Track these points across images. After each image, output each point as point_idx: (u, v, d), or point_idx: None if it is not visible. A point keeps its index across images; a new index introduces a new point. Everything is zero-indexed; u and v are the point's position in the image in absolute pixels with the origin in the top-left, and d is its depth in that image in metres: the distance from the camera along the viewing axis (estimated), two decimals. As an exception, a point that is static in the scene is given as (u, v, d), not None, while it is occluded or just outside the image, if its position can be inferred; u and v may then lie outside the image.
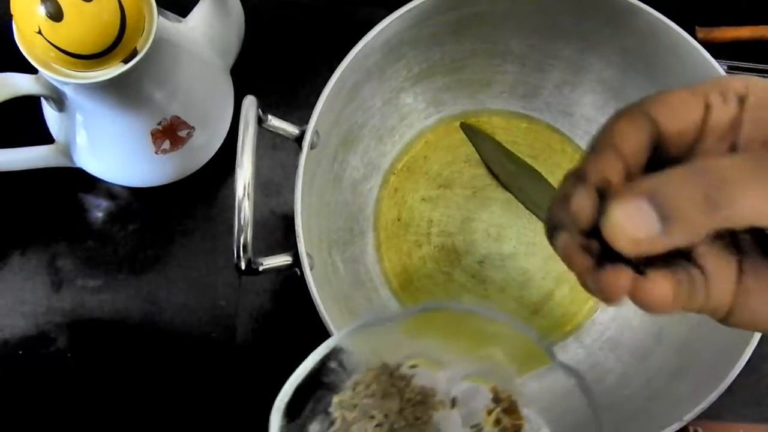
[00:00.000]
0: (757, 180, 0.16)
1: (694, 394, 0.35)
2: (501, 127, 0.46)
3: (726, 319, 0.20)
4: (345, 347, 0.27)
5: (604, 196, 0.19)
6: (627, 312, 0.43)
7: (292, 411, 0.27)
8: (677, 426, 0.34)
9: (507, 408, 0.28)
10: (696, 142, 0.20)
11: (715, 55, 0.37)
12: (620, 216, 0.17)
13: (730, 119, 0.19)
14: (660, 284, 0.19)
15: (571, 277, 0.47)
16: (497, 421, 0.28)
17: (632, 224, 0.17)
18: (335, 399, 0.28)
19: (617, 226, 0.17)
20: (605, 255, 0.19)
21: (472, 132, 0.46)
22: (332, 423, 0.27)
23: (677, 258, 0.20)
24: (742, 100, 0.19)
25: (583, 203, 0.18)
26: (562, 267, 0.43)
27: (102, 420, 0.42)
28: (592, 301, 0.44)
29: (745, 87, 0.19)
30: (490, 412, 0.28)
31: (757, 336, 0.34)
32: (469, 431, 0.28)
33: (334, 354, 0.27)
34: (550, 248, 0.46)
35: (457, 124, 0.46)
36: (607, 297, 0.19)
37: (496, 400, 0.28)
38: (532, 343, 0.27)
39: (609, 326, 0.43)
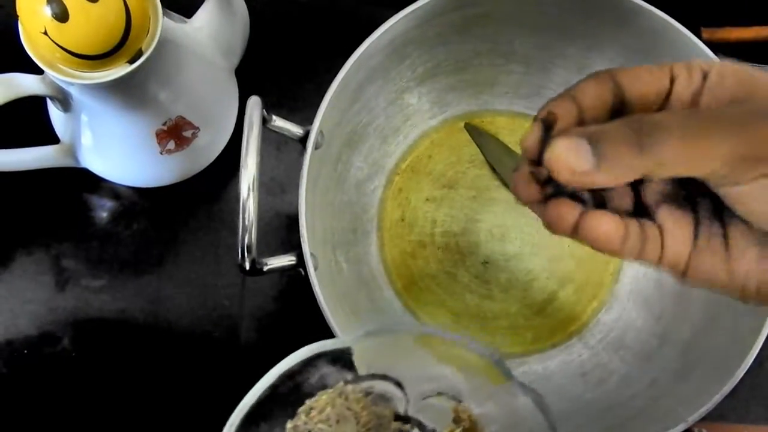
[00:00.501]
0: (686, 129, 0.19)
1: (698, 394, 0.35)
2: (505, 127, 0.46)
3: (683, 276, 0.22)
4: (297, 370, 0.27)
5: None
6: (631, 313, 0.43)
7: None
8: (682, 427, 0.34)
9: (468, 428, 0.28)
10: (660, 109, 0.21)
11: (720, 56, 0.37)
12: (561, 147, 0.19)
13: (693, 92, 0.21)
14: (605, 221, 0.21)
15: (576, 277, 0.46)
16: None
17: (570, 155, 0.19)
18: (288, 425, 0.27)
19: (556, 155, 0.19)
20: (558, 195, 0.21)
21: (476, 132, 0.46)
22: None
23: (641, 216, 0.22)
24: (705, 76, 0.21)
25: (529, 134, 0.21)
26: (566, 267, 0.44)
27: (106, 419, 0.42)
28: (597, 301, 0.44)
29: (709, 65, 0.21)
30: None
31: (763, 337, 0.34)
32: None
33: (287, 378, 0.26)
34: (554, 249, 0.46)
35: (462, 124, 0.46)
36: (555, 226, 0.21)
37: (457, 420, 0.28)
38: (490, 363, 0.27)
39: (613, 327, 0.43)
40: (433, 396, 0.29)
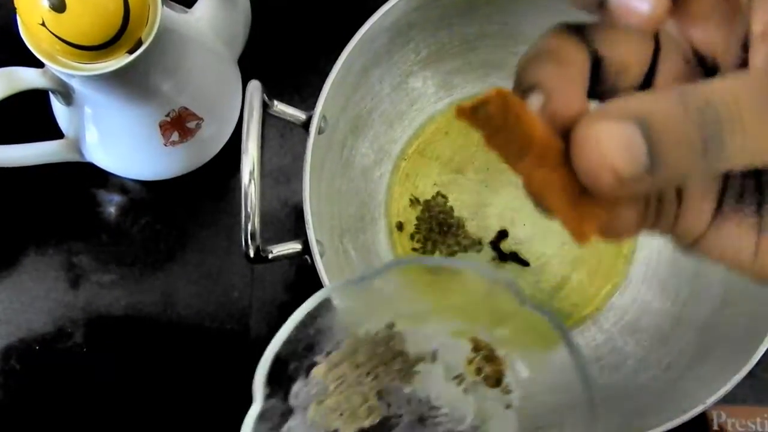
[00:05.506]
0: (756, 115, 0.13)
1: (716, 377, 0.34)
2: (513, 109, 0.45)
3: (691, 246, 0.18)
4: (329, 307, 0.25)
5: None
6: (646, 295, 0.42)
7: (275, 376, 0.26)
8: (699, 409, 0.33)
9: (487, 356, 0.28)
10: (644, 87, 0.18)
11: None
12: (606, 139, 0.13)
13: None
14: (627, 214, 0.17)
15: (589, 259, 0.45)
16: (478, 370, 0.28)
17: (618, 152, 0.13)
18: (315, 371, 0.27)
19: (597, 152, 0.13)
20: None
21: (483, 115, 0.45)
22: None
23: None
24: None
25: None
26: (578, 250, 0.43)
27: (118, 413, 0.42)
28: (610, 284, 0.43)
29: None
30: (470, 362, 0.28)
31: (782, 315, 0.34)
32: (452, 383, 0.28)
33: (315, 315, 0.25)
34: (566, 232, 0.45)
35: (469, 107, 0.45)
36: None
37: (476, 349, 0.28)
38: (504, 290, 0.25)
39: (627, 310, 0.42)
40: (454, 330, 0.28)
